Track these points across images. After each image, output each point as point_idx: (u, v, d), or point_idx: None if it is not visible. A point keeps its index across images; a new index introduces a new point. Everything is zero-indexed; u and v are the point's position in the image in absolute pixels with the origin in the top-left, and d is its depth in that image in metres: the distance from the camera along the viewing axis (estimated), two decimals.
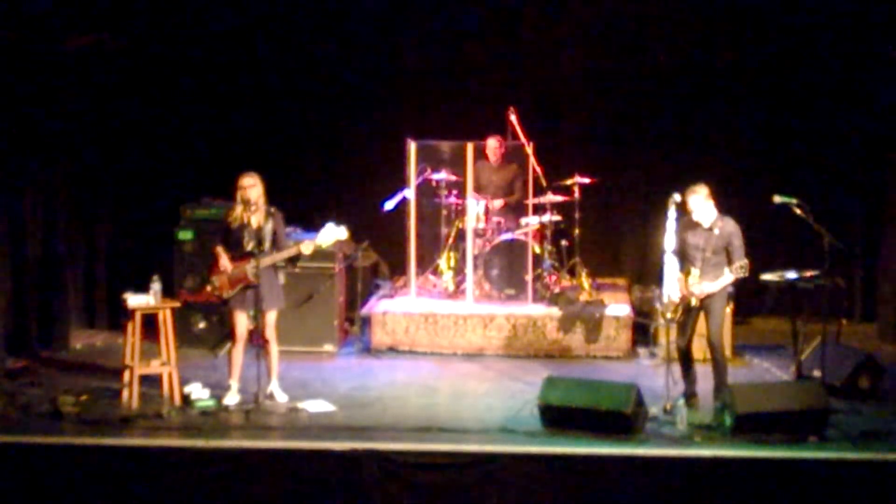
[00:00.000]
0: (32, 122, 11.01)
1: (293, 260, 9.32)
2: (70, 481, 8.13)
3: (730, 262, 8.88)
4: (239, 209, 9.18)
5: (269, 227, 9.17)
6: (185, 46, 12.22)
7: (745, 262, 8.77)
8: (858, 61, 11.79)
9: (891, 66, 11.45)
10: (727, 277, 8.84)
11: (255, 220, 9.16)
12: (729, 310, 10.71)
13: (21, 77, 10.79)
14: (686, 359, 9.08)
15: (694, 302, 8.88)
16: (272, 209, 9.23)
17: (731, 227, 8.96)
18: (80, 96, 11.60)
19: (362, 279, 11.46)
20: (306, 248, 9.18)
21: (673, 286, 8.98)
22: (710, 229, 8.94)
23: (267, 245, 9.14)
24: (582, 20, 12.46)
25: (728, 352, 10.60)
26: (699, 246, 8.91)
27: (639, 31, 12.39)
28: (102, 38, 11.58)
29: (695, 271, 8.87)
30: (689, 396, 9.08)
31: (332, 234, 9.31)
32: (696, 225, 8.95)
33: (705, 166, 11.17)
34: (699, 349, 9.47)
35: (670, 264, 9.01)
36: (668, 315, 8.91)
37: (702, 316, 9.04)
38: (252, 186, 9.12)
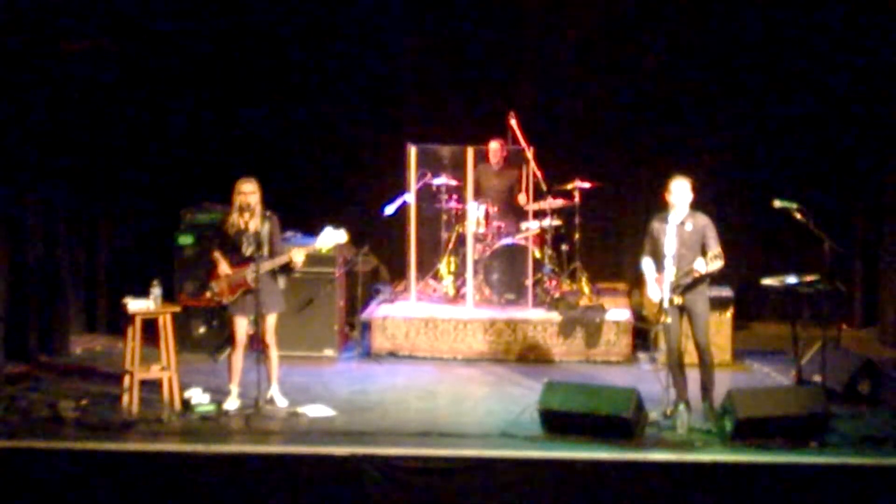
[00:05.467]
0: (32, 126, 11.01)
1: (286, 268, 9.29)
2: (70, 486, 8.13)
3: (705, 255, 8.75)
4: (235, 215, 9.18)
5: (265, 232, 9.16)
6: (185, 51, 12.23)
7: (717, 250, 8.65)
8: (859, 65, 11.78)
9: (891, 70, 11.45)
10: (715, 265, 8.69)
11: (253, 225, 9.16)
12: (729, 314, 10.73)
13: (21, 81, 10.79)
14: (679, 364, 9.03)
15: (677, 301, 8.79)
16: (268, 213, 9.23)
17: (703, 220, 8.88)
18: (80, 100, 11.59)
19: (362, 284, 11.46)
20: (297, 255, 9.15)
21: (654, 288, 8.94)
22: (682, 224, 8.88)
23: (266, 249, 9.14)
24: (583, 24, 12.46)
25: (728, 355, 10.63)
26: (672, 242, 8.82)
27: (639, 34, 12.38)
28: (102, 42, 11.58)
29: (671, 269, 8.81)
30: (681, 401, 9.00)
31: (332, 237, 9.30)
32: (667, 221, 8.86)
33: (706, 171, 11.17)
34: (690, 352, 9.45)
35: (648, 268, 9.00)
36: (667, 320, 8.86)
37: (686, 320, 8.99)
38: (252, 192, 9.13)
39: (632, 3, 12.37)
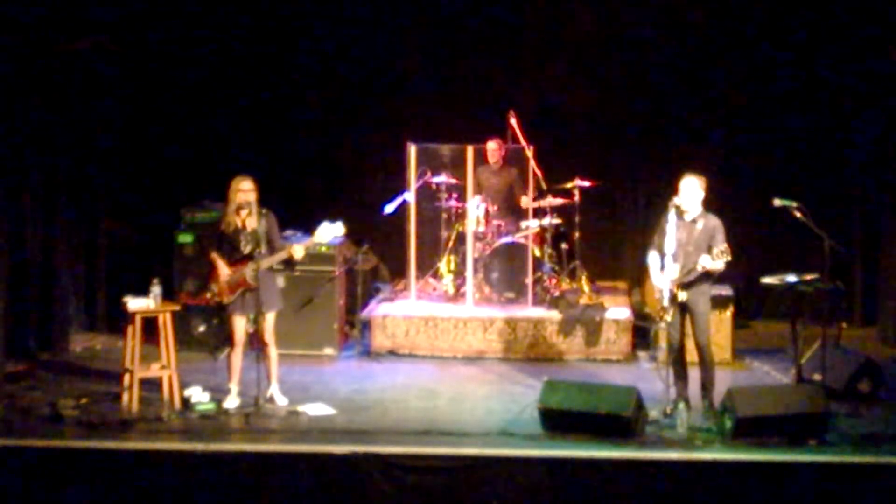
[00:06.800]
0: (32, 125, 11.00)
1: (288, 263, 9.30)
2: (70, 485, 8.13)
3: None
4: (232, 214, 9.17)
5: (262, 229, 9.16)
6: (186, 49, 12.21)
7: (724, 246, 8.62)
8: (859, 61, 11.77)
9: (892, 66, 11.45)
10: (721, 262, 8.68)
11: (250, 223, 9.16)
12: (729, 313, 10.73)
13: (21, 80, 10.79)
14: (680, 363, 9.05)
15: (680, 297, 8.79)
16: (264, 210, 9.23)
17: (714, 221, 8.87)
18: (80, 99, 11.59)
19: (362, 282, 11.46)
20: (297, 251, 9.16)
21: (658, 280, 8.92)
22: (694, 222, 8.88)
23: (264, 247, 9.14)
24: (582, 23, 12.44)
25: (728, 354, 10.63)
26: (681, 240, 8.82)
27: (639, 34, 12.37)
28: (102, 41, 11.58)
29: (675, 266, 8.81)
30: (681, 400, 9.00)
31: (329, 231, 9.29)
32: (678, 219, 8.86)
33: (705, 169, 11.15)
34: (691, 351, 9.45)
35: (653, 264, 8.99)
36: (668, 318, 8.86)
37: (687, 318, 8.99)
38: (251, 190, 9.14)
39: (632, 4, 12.36)
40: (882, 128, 11.73)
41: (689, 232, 8.84)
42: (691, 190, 8.87)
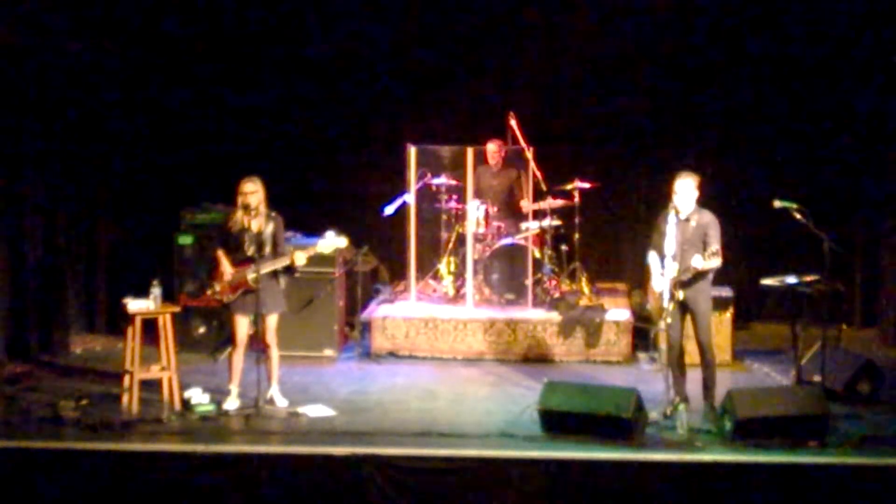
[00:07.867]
0: (32, 126, 11.01)
1: (289, 269, 9.30)
2: (70, 486, 8.14)
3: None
4: (239, 214, 9.19)
5: (269, 232, 9.17)
6: (186, 50, 12.22)
7: (716, 248, 8.61)
8: (860, 65, 11.78)
9: (892, 70, 11.45)
10: (713, 262, 8.69)
11: (256, 224, 9.17)
12: (729, 314, 10.73)
13: (20, 81, 10.79)
14: (679, 364, 9.05)
15: (678, 296, 8.79)
16: (272, 213, 9.24)
17: (708, 218, 8.88)
18: (80, 101, 11.59)
19: (362, 284, 11.46)
20: (299, 258, 9.17)
21: (658, 281, 8.92)
22: (687, 220, 8.88)
23: (268, 250, 9.15)
24: (582, 25, 12.45)
25: (728, 355, 10.63)
26: (676, 237, 8.82)
27: (638, 35, 12.37)
28: (102, 42, 11.58)
29: (671, 264, 8.80)
30: (681, 401, 8.99)
31: (332, 242, 9.34)
32: (672, 217, 8.87)
33: (705, 170, 11.16)
34: (691, 352, 9.45)
35: (654, 264, 8.99)
36: (668, 320, 8.86)
37: (688, 319, 8.99)
38: (253, 192, 9.14)
39: (631, 5, 12.36)
40: (882, 128, 11.74)
41: (683, 230, 8.85)
42: (687, 189, 8.87)
